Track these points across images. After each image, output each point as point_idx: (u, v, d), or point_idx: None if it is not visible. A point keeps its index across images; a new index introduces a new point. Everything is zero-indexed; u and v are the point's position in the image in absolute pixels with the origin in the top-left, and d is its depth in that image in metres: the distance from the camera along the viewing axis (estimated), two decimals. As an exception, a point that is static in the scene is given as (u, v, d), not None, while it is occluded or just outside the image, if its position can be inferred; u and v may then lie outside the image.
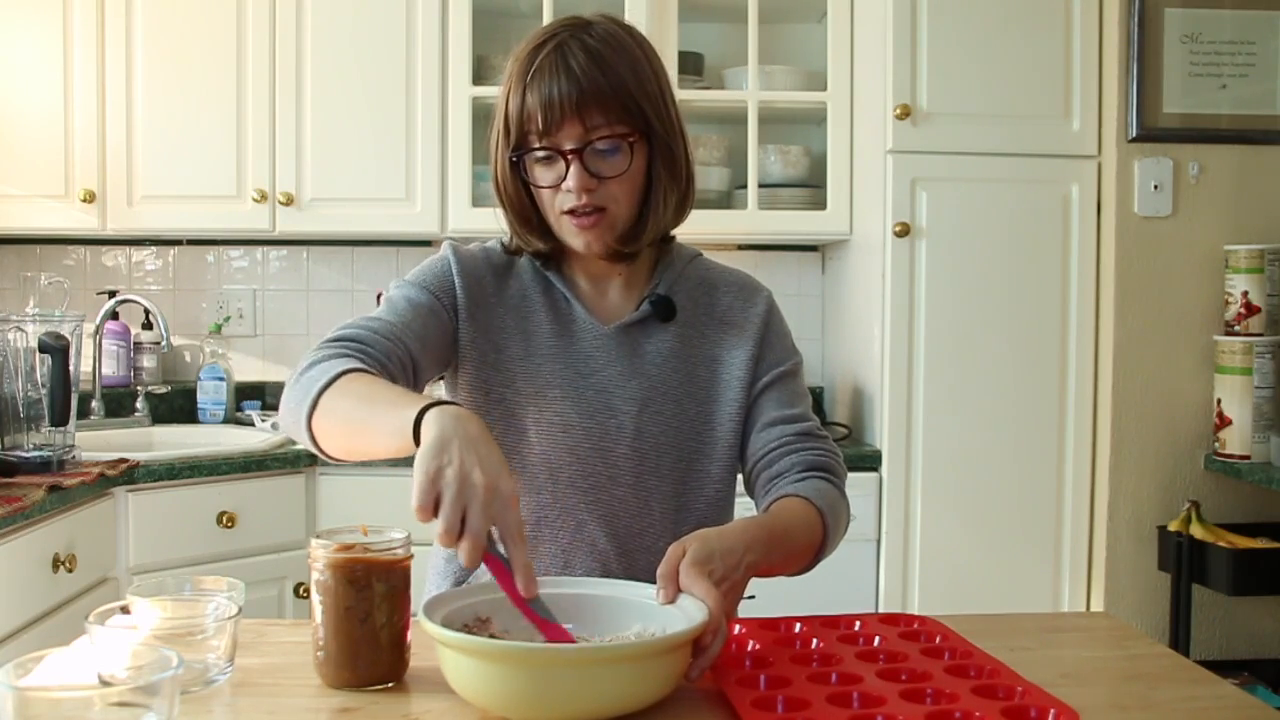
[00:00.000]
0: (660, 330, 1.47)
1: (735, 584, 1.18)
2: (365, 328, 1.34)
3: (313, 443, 1.25)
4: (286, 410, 1.28)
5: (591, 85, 1.31)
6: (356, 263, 3.40)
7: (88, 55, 2.96)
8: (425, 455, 1.05)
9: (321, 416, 1.22)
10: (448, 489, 1.03)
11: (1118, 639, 1.41)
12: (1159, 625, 2.80)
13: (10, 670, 0.84)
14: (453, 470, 1.04)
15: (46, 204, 2.97)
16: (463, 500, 1.03)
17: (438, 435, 1.07)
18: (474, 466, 1.04)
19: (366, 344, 1.31)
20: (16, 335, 2.35)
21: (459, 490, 1.03)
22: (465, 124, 3.01)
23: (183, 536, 2.60)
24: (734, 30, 3.17)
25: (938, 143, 2.82)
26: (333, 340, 1.32)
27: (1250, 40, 2.81)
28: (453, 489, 1.03)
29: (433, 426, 1.08)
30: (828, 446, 1.46)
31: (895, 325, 2.83)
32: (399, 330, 1.35)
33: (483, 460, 1.05)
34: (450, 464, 1.04)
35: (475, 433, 1.08)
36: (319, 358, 1.28)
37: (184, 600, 1.17)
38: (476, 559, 1.04)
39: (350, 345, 1.30)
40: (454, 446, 1.05)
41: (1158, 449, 2.82)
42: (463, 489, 1.03)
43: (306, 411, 1.23)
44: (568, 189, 1.35)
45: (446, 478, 1.04)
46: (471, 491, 1.03)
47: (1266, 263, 2.73)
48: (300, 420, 1.24)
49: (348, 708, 1.08)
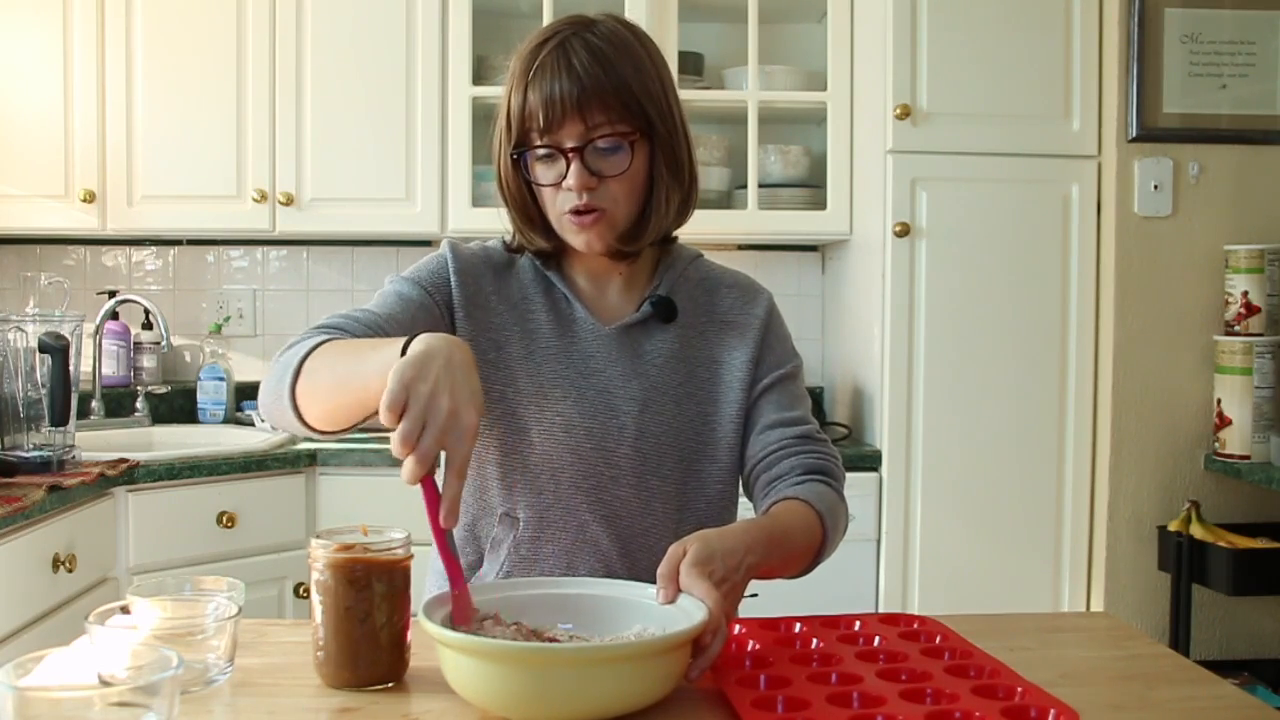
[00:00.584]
0: (661, 331, 1.47)
1: (735, 585, 1.18)
2: (348, 318, 1.34)
3: (296, 415, 1.23)
4: (267, 390, 1.26)
5: (593, 84, 1.31)
6: (356, 263, 3.41)
7: (88, 55, 2.96)
8: (405, 362, 1.06)
9: (304, 381, 1.21)
10: (415, 401, 1.04)
11: (1118, 639, 1.41)
12: (1159, 625, 2.80)
13: (10, 670, 0.84)
14: (425, 387, 1.04)
15: (46, 204, 2.97)
16: (424, 416, 1.03)
17: (424, 348, 1.07)
18: (445, 390, 1.05)
19: (348, 333, 1.31)
20: (16, 335, 2.35)
21: (423, 407, 1.04)
22: (465, 124, 3.01)
23: (183, 536, 2.60)
24: (734, 30, 3.17)
25: (938, 143, 2.82)
26: (314, 327, 1.32)
27: (1250, 40, 2.81)
28: (419, 404, 1.04)
29: (421, 342, 1.09)
30: (827, 449, 1.46)
31: (895, 325, 2.83)
32: (383, 322, 1.35)
33: (456, 385, 1.06)
34: (425, 380, 1.04)
35: (460, 359, 1.08)
36: (296, 340, 1.28)
37: (184, 600, 1.17)
38: (415, 478, 1.04)
39: (329, 331, 1.30)
40: (436, 364, 1.06)
41: (1158, 449, 2.82)
42: (427, 406, 1.04)
43: (289, 382, 1.22)
44: (568, 187, 1.35)
45: (417, 391, 1.04)
46: (434, 413, 1.04)
47: (1266, 263, 2.73)
48: (283, 393, 1.22)
49: (348, 708, 1.08)
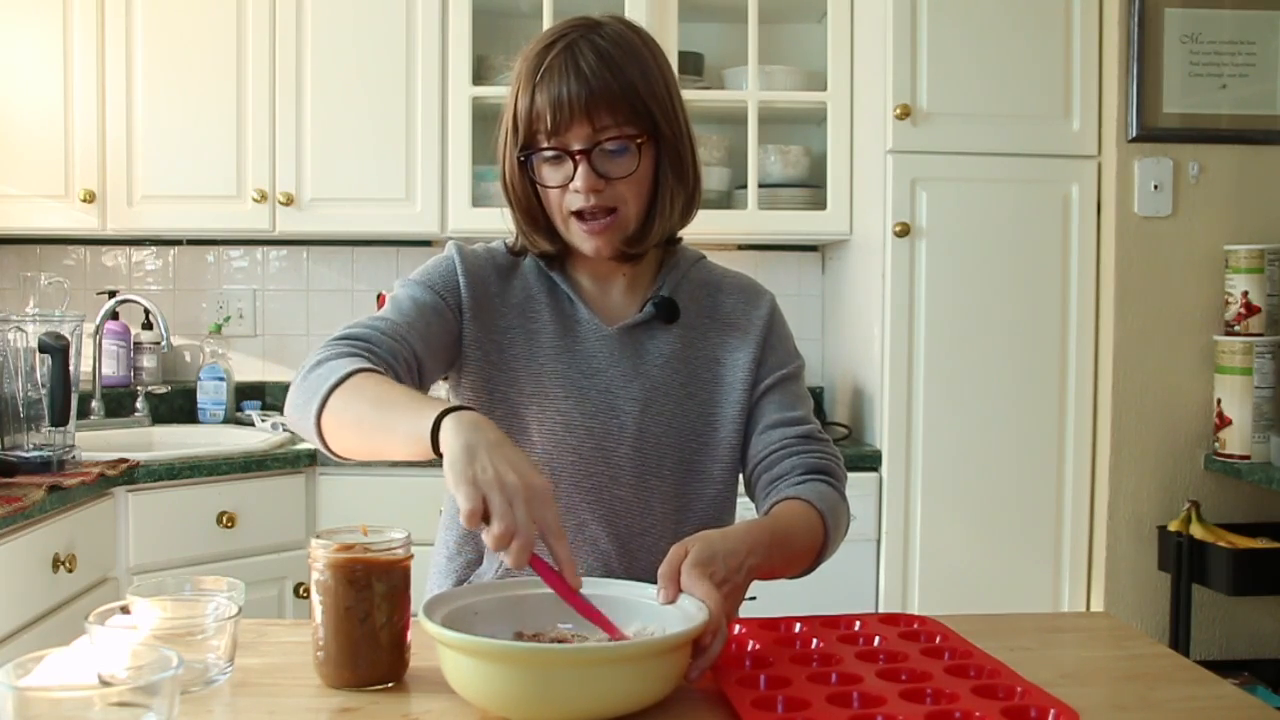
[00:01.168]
0: (663, 331, 1.47)
1: (736, 586, 1.18)
2: (371, 327, 1.34)
3: (321, 441, 1.25)
4: (294, 408, 1.27)
5: (601, 86, 1.32)
6: (356, 263, 3.41)
7: (88, 55, 2.96)
8: (458, 463, 1.06)
9: (331, 416, 1.22)
10: (492, 493, 1.04)
11: (1118, 639, 1.41)
12: (1159, 625, 2.80)
13: (10, 670, 0.84)
14: (490, 476, 1.05)
15: (46, 204, 2.97)
16: (508, 501, 1.04)
17: (464, 444, 1.08)
18: (508, 469, 1.06)
19: (372, 343, 1.31)
20: (16, 335, 2.35)
21: (502, 493, 1.04)
22: (465, 124, 3.01)
23: (183, 536, 2.60)
24: (734, 30, 3.17)
25: (938, 143, 2.82)
26: (338, 339, 1.32)
27: (1250, 40, 2.81)
28: (497, 492, 1.04)
29: (454, 435, 1.09)
30: (828, 449, 1.46)
31: (895, 325, 2.83)
32: (404, 330, 1.35)
33: (513, 463, 1.07)
34: (486, 471, 1.05)
35: (496, 438, 1.09)
36: (325, 356, 1.28)
37: (184, 600, 1.17)
38: (524, 559, 1.04)
39: (356, 344, 1.30)
40: (482, 453, 1.07)
41: (1158, 449, 2.82)
42: (504, 491, 1.04)
43: (316, 410, 1.22)
44: (575, 189, 1.35)
45: (485, 482, 1.04)
46: (513, 493, 1.05)
47: (1266, 263, 2.73)
48: (309, 419, 1.24)
49: (348, 708, 1.08)
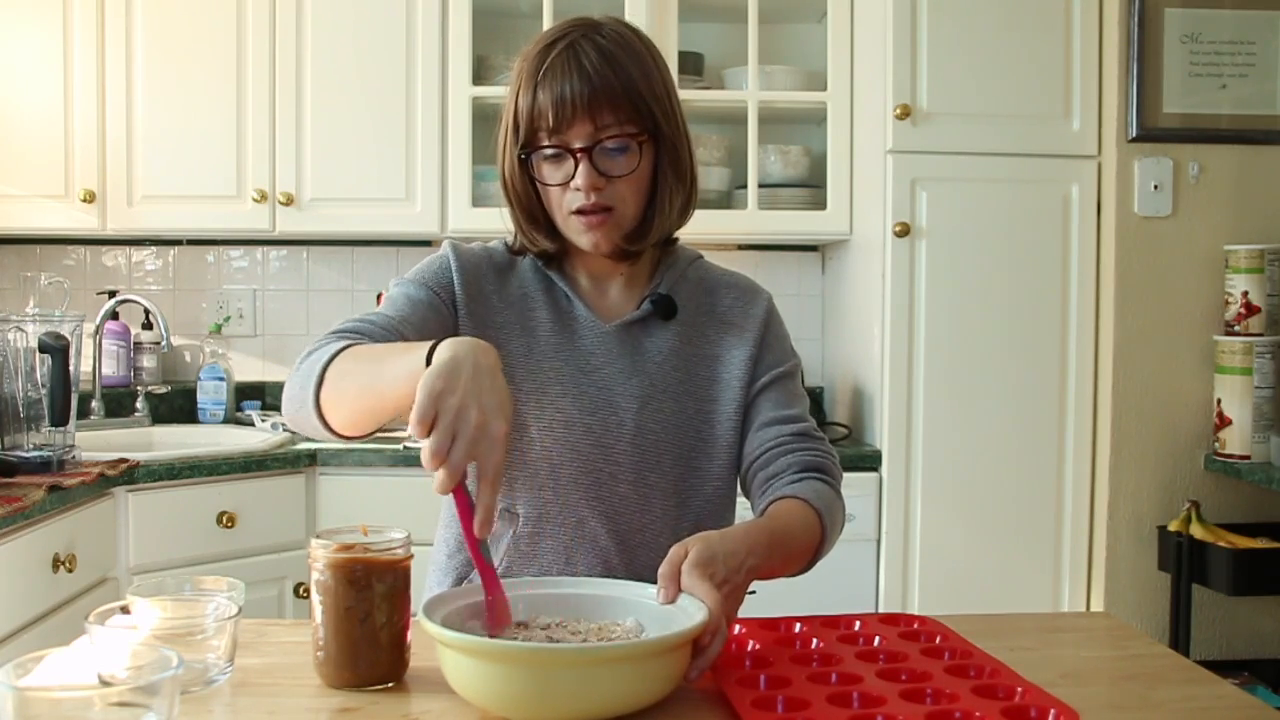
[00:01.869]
0: (661, 329, 1.47)
1: (736, 586, 1.18)
2: (364, 321, 1.34)
3: (321, 421, 1.24)
4: (291, 397, 1.27)
5: (603, 84, 1.33)
6: (356, 263, 3.40)
7: (88, 55, 2.96)
8: (432, 373, 1.06)
9: (329, 387, 1.21)
10: (444, 414, 1.04)
11: (1117, 639, 1.41)
12: (1159, 625, 2.80)
13: (10, 670, 0.84)
14: (454, 399, 1.04)
15: (46, 204, 2.97)
16: (454, 429, 1.04)
17: (450, 356, 1.08)
18: (474, 401, 1.05)
19: (365, 335, 1.31)
20: (16, 335, 2.35)
21: (453, 419, 1.04)
22: (465, 124, 3.01)
23: (183, 536, 2.60)
24: (734, 30, 3.17)
25: (938, 143, 2.82)
26: (330, 334, 1.32)
27: (1250, 40, 2.81)
28: (448, 416, 1.04)
29: (446, 350, 1.09)
30: (824, 447, 1.47)
31: (895, 325, 2.83)
32: (397, 324, 1.35)
33: (483, 394, 1.06)
34: (453, 392, 1.05)
35: (486, 365, 1.08)
36: (318, 345, 1.28)
37: (184, 600, 1.17)
38: (447, 488, 1.04)
39: (348, 336, 1.30)
40: (462, 374, 1.06)
41: (1158, 449, 2.81)
42: (456, 419, 1.04)
43: (314, 387, 1.22)
44: (576, 187, 1.35)
45: (446, 404, 1.04)
46: (464, 424, 1.04)
47: (1266, 263, 2.73)
48: (308, 398, 1.23)
49: (348, 708, 1.08)
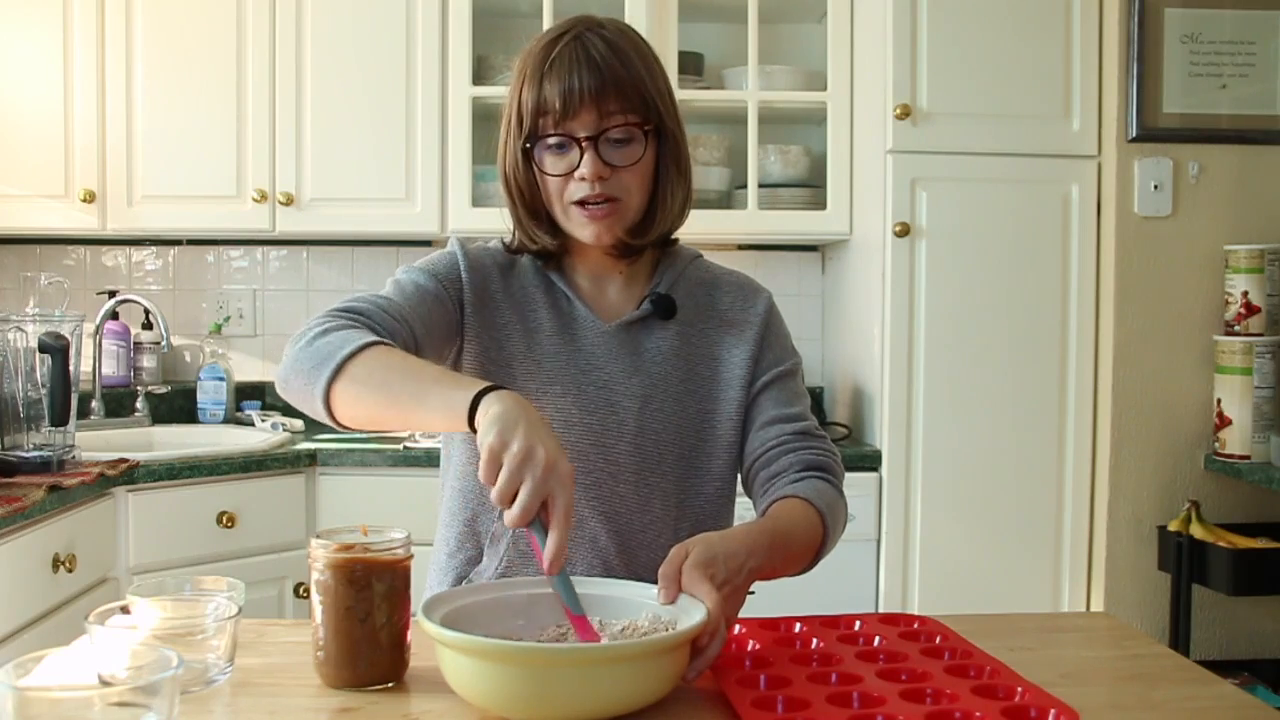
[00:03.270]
0: (661, 328, 1.47)
1: (737, 588, 1.19)
2: (372, 303, 1.33)
3: (326, 409, 1.23)
4: (296, 372, 1.25)
5: (611, 74, 1.34)
6: (356, 263, 3.40)
7: (88, 55, 2.96)
8: (493, 427, 1.09)
9: (349, 383, 1.21)
10: (510, 459, 1.08)
11: (1118, 639, 1.41)
12: (1159, 625, 2.80)
13: (10, 670, 0.84)
14: (519, 444, 1.08)
15: (46, 204, 2.97)
16: (523, 473, 1.07)
17: (504, 412, 1.11)
18: (539, 444, 1.08)
19: (373, 319, 1.30)
20: (16, 335, 2.35)
21: (521, 462, 1.07)
22: (465, 124, 3.01)
23: (183, 536, 2.60)
24: (734, 30, 3.17)
25: (938, 143, 2.82)
26: (338, 311, 1.31)
27: (1250, 40, 2.81)
28: (516, 459, 1.07)
29: (497, 404, 1.12)
30: (825, 446, 1.47)
31: (895, 325, 2.83)
32: (405, 311, 1.35)
33: (545, 441, 1.09)
34: (517, 439, 1.08)
35: (537, 417, 1.12)
36: (330, 325, 1.26)
37: (184, 600, 1.17)
38: (520, 521, 1.08)
39: (358, 318, 1.29)
40: (521, 425, 1.09)
41: (1158, 449, 2.81)
42: (524, 462, 1.08)
43: (328, 376, 1.21)
44: (580, 177, 1.36)
45: (512, 449, 1.08)
46: (532, 466, 1.07)
47: (1266, 263, 2.73)
48: (318, 384, 1.22)
49: (348, 708, 1.08)
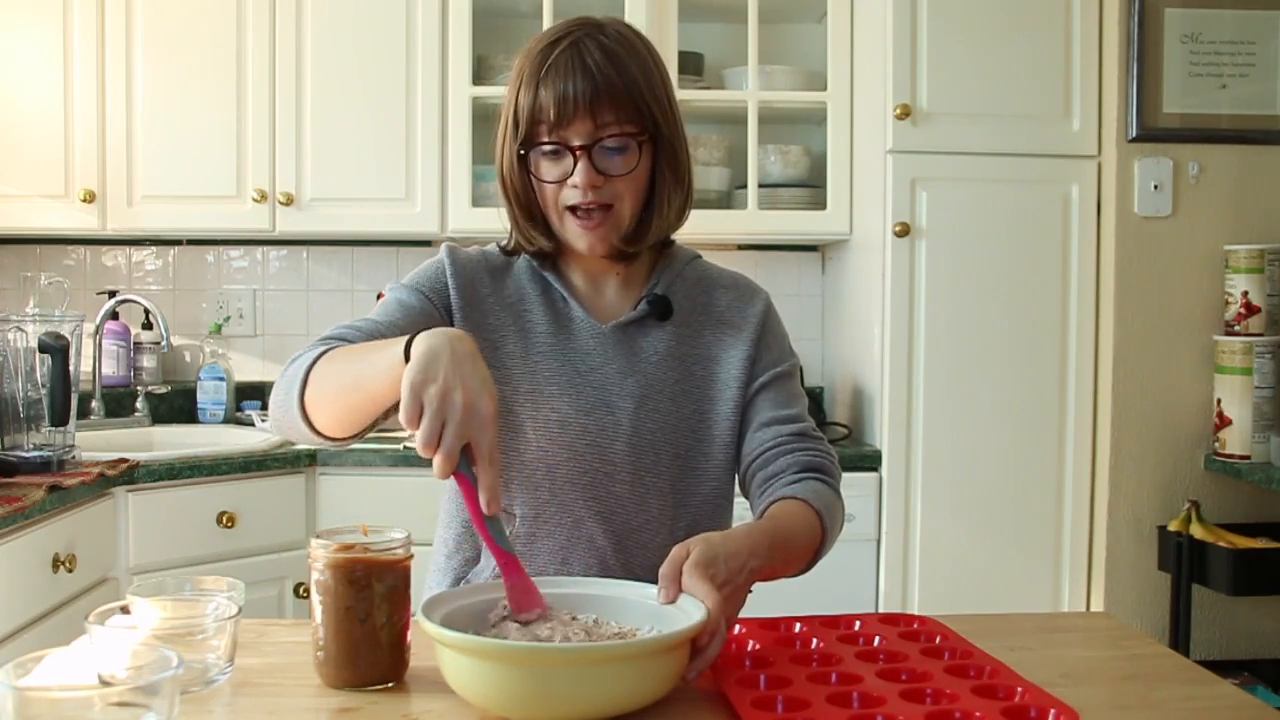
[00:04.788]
0: (657, 329, 1.47)
1: (737, 588, 1.19)
2: (350, 328, 1.35)
3: (306, 424, 1.24)
4: (276, 403, 1.28)
5: (606, 83, 1.33)
6: (356, 263, 3.40)
7: (88, 55, 2.96)
8: (412, 368, 1.07)
9: (312, 389, 1.23)
10: (429, 403, 1.06)
11: (1118, 639, 1.41)
12: (1159, 625, 2.80)
13: (10, 670, 0.84)
14: (436, 387, 1.06)
15: (46, 204, 2.97)
16: (442, 415, 1.06)
17: (426, 349, 1.09)
18: (457, 384, 1.06)
19: (349, 341, 1.32)
20: (16, 335, 2.35)
21: (439, 405, 1.05)
22: (465, 124, 3.01)
23: (183, 536, 2.60)
24: (734, 30, 3.17)
25: (938, 143, 2.82)
26: (316, 341, 1.33)
27: (1250, 40, 2.81)
28: (434, 404, 1.05)
29: (423, 342, 1.10)
30: (823, 447, 1.47)
31: (895, 325, 2.83)
32: (385, 329, 1.35)
33: (466, 378, 1.07)
34: (435, 380, 1.06)
35: (464, 351, 1.10)
36: (301, 353, 1.29)
37: (184, 600, 1.17)
38: (446, 471, 1.06)
39: (333, 342, 1.31)
40: (441, 361, 1.07)
41: (1158, 449, 2.81)
42: (443, 404, 1.06)
43: (298, 391, 1.23)
44: (574, 185, 1.36)
45: (429, 393, 1.06)
46: (451, 408, 1.06)
47: (1266, 263, 2.73)
48: (292, 403, 1.24)
49: (348, 708, 1.08)
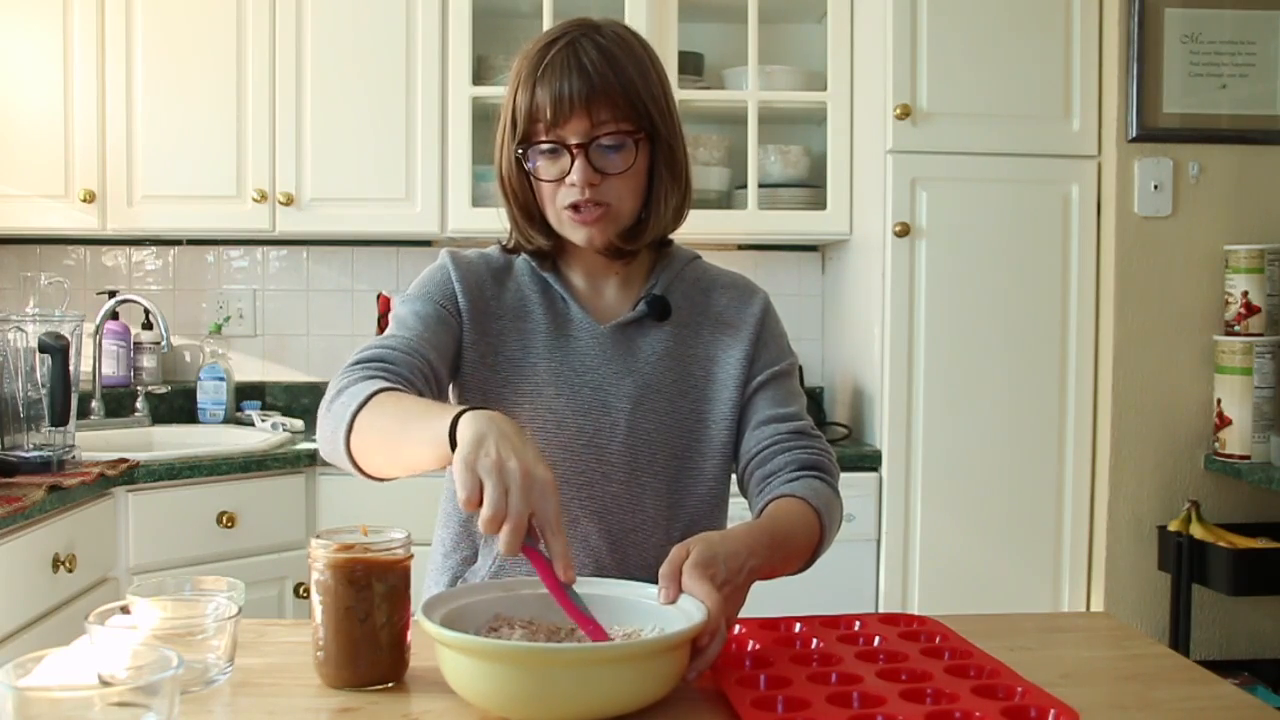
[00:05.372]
0: (656, 329, 1.47)
1: (737, 588, 1.19)
2: (385, 347, 1.35)
3: (354, 467, 1.26)
4: (324, 439, 1.29)
5: (602, 82, 1.34)
6: (356, 263, 3.40)
7: (88, 55, 2.96)
8: (463, 450, 1.08)
9: (358, 437, 1.23)
10: (487, 476, 1.05)
11: (1118, 639, 1.41)
12: (1159, 625, 2.80)
13: (10, 670, 0.84)
14: (489, 460, 1.06)
15: (46, 204, 2.97)
16: (503, 485, 1.05)
17: (474, 432, 1.09)
18: (510, 456, 1.07)
19: (390, 362, 1.32)
20: (16, 335, 2.35)
21: (498, 478, 1.05)
22: (465, 124, 3.01)
23: (183, 536, 2.60)
24: (734, 30, 3.17)
25: (938, 143, 2.82)
26: (356, 364, 1.33)
27: (1250, 40, 2.81)
28: (493, 476, 1.05)
29: (468, 427, 1.11)
30: (821, 445, 1.47)
31: (895, 325, 2.83)
32: (416, 344, 1.37)
33: (518, 451, 1.08)
34: (487, 454, 1.07)
35: (509, 429, 1.10)
36: (346, 383, 1.29)
37: (184, 600, 1.17)
38: (516, 546, 1.05)
39: (375, 366, 1.32)
40: (490, 440, 1.08)
41: (1158, 449, 2.82)
42: (501, 475, 1.06)
43: (344, 435, 1.24)
44: (571, 183, 1.36)
45: (484, 465, 1.06)
46: (510, 477, 1.06)
47: (1266, 263, 2.73)
48: (339, 445, 1.25)
49: (348, 708, 1.08)
